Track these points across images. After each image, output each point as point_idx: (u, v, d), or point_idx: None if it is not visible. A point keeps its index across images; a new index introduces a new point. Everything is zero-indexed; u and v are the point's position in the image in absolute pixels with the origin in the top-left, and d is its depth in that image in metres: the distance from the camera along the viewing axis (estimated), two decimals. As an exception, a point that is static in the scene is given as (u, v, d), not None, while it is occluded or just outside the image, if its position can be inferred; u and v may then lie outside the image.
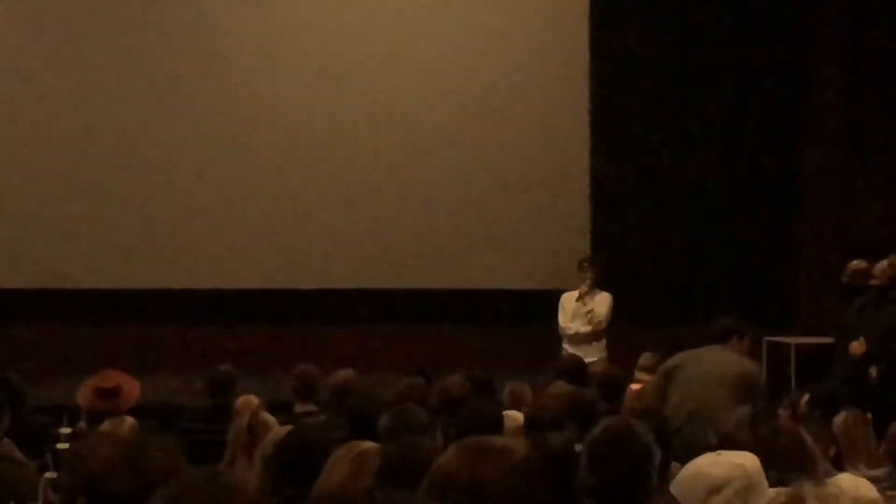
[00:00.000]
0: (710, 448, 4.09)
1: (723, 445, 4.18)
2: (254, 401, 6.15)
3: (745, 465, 3.64)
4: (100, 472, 2.65)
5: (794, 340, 10.59)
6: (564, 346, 9.26)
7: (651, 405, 6.69)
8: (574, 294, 9.39)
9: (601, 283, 9.40)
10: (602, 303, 9.33)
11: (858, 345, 8.15)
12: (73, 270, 11.06)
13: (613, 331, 9.40)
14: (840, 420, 5.43)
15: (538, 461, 2.32)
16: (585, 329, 9.26)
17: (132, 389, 6.70)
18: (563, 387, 6.04)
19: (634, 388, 7.17)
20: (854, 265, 8.70)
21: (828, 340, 9.43)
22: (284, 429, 4.57)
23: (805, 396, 6.22)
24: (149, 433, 5.19)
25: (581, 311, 9.29)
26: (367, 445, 3.85)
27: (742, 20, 11.65)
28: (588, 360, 8.12)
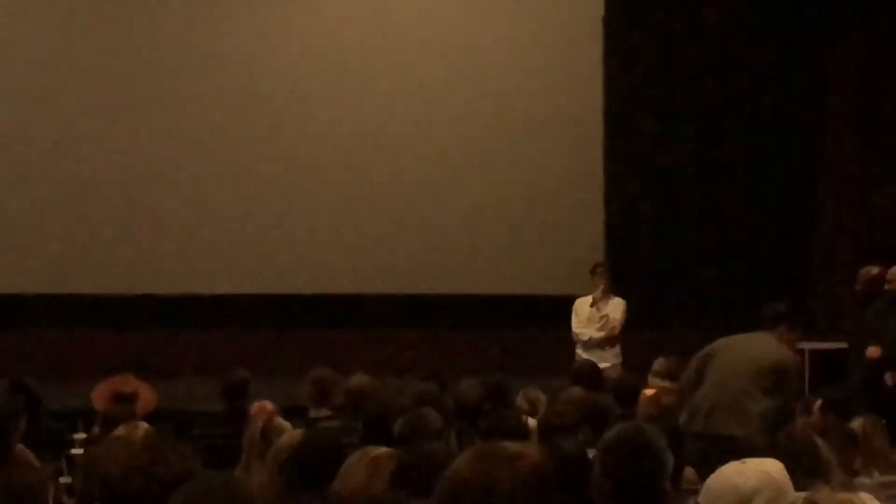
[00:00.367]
0: (731, 440, 4.06)
1: (740, 444, 4.16)
2: (269, 407, 6.16)
3: (772, 473, 3.62)
4: (114, 477, 2.66)
5: (809, 346, 10.54)
6: (578, 352, 9.25)
7: (683, 389, 6.66)
8: (587, 299, 9.38)
9: (613, 289, 9.40)
10: (616, 308, 9.32)
11: (874, 349, 8.13)
12: (87, 275, 11.05)
13: (627, 336, 9.39)
14: (858, 426, 5.42)
15: (551, 467, 2.32)
16: (599, 335, 9.25)
17: (149, 397, 6.75)
18: (578, 392, 6.04)
19: (648, 394, 7.16)
20: (867, 272, 8.68)
21: (842, 345, 9.41)
22: (298, 432, 4.57)
23: (818, 402, 6.20)
24: (163, 438, 5.20)
25: (595, 317, 9.28)
26: (382, 450, 3.85)
27: (758, 20, 11.64)
28: (602, 366, 8.15)
